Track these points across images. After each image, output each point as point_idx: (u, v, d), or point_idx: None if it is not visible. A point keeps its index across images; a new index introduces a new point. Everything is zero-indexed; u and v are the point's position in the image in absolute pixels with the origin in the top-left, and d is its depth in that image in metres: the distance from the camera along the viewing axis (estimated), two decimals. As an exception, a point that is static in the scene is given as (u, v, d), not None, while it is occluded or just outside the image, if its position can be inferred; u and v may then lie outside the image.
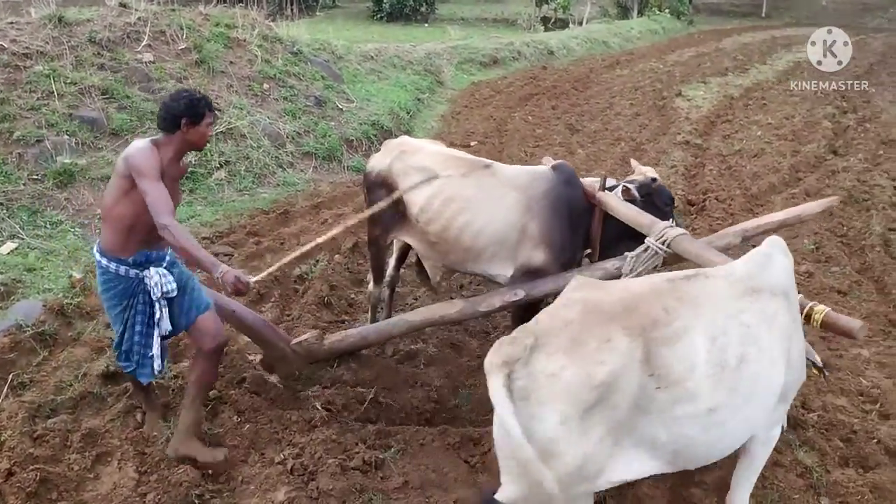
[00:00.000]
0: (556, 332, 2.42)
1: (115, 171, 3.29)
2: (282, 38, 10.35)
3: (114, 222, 3.31)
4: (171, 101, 3.31)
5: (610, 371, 2.33)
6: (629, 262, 3.82)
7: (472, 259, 4.08)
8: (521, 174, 4.14)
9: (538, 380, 2.34)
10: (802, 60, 18.64)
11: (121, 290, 3.38)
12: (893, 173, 8.78)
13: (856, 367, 4.63)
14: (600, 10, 29.68)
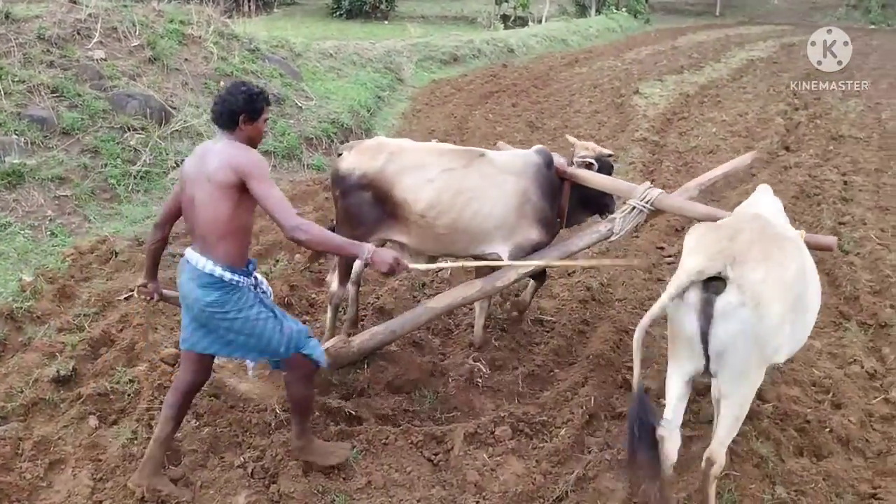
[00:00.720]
0: (744, 252, 2.96)
1: (212, 182, 3.04)
2: (238, 36, 10.20)
3: (235, 235, 3.12)
4: (229, 96, 3.14)
5: (794, 270, 3.07)
6: (619, 223, 4.34)
7: (477, 243, 4.36)
8: (514, 160, 4.50)
9: (755, 286, 2.88)
10: (756, 58, 19.09)
11: (249, 298, 3.20)
12: (843, 168, 9.03)
13: (808, 358, 4.75)
14: (559, 8, 29.92)
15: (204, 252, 3.11)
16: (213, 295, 3.10)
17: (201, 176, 3.08)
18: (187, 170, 3.17)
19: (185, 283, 3.17)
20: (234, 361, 4.56)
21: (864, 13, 36.16)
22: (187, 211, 3.18)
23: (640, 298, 5.49)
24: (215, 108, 3.17)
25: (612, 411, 4.19)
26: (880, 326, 5.11)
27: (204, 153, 3.15)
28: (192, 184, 3.12)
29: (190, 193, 3.13)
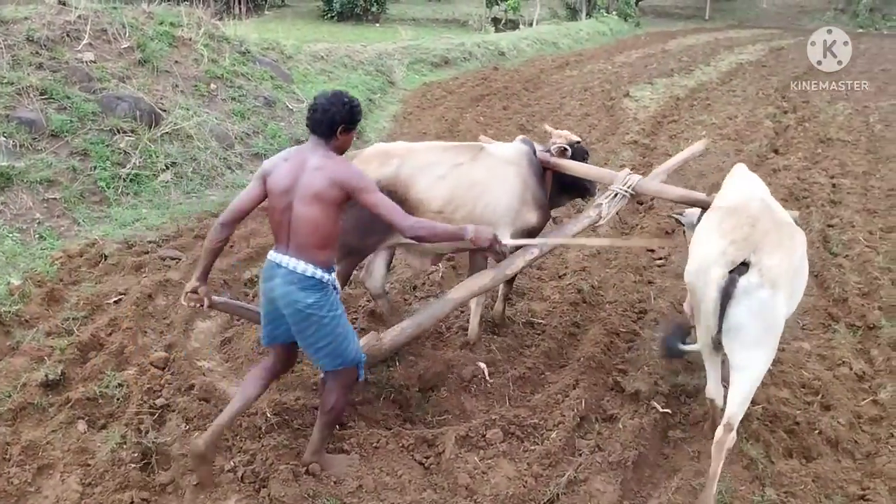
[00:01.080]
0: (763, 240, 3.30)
1: (318, 198, 3.12)
2: (229, 38, 10.17)
3: (332, 241, 3.26)
4: (331, 106, 3.18)
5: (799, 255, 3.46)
6: (605, 208, 4.53)
7: None
8: (511, 151, 4.66)
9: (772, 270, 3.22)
10: (745, 62, 19.20)
11: (337, 300, 3.33)
12: (831, 171, 9.09)
13: (798, 359, 4.77)
14: (549, 11, 30.03)
15: (300, 256, 3.19)
16: (313, 296, 3.20)
17: (304, 190, 3.13)
18: (280, 178, 3.18)
19: (280, 286, 3.21)
20: (224, 365, 4.56)
21: (852, 17, 36.45)
22: (280, 217, 3.20)
23: (631, 301, 5.51)
24: (314, 115, 3.20)
25: (602, 413, 4.20)
26: (868, 328, 5.15)
27: (300, 164, 3.18)
28: (288, 194, 3.16)
29: (285, 202, 3.17)
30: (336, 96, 3.22)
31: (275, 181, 3.21)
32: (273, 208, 3.23)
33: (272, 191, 3.22)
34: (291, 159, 3.22)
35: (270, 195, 3.23)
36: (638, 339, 4.96)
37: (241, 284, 5.55)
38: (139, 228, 6.36)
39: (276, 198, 3.20)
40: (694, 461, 3.76)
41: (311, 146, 3.24)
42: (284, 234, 3.23)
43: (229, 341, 4.80)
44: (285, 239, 3.23)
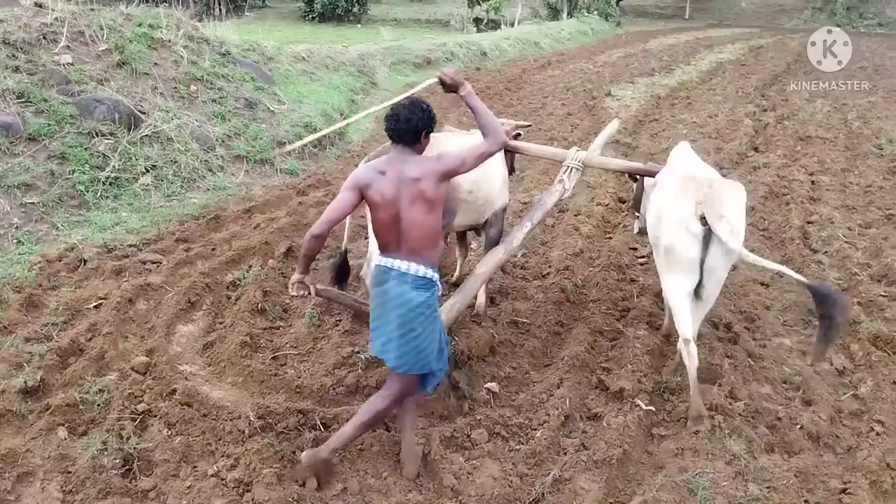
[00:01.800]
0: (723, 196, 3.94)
1: (429, 202, 3.32)
2: (209, 39, 10.08)
3: (438, 242, 3.47)
4: (412, 115, 3.33)
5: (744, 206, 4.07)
6: (567, 182, 5.03)
7: (488, 211, 5.01)
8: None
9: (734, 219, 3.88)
10: (724, 61, 19.36)
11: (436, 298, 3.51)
12: (810, 168, 9.19)
13: (779, 355, 4.82)
14: (531, 11, 30.10)
15: (412, 258, 3.35)
16: (424, 295, 3.37)
17: (410, 198, 3.30)
18: (383, 190, 3.30)
19: (394, 287, 3.35)
20: (207, 369, 4.53)
21: (830, 15, 36.87)
22: (389, 225, 3.34)
23: (614, 299, 5.53)
24: (397, 125, 3.34)
25: (587, 412, 4.21)
26: (848, 324, 5.20)
27: (398, 174, 3.31)
28: (394, 204, 3.30)
29: (393, 212, 3.31)
30: (414, 105, 3.38)
31: (378, 193, 3.32)
32: (379, 218, 3.37)
33: (377, 203, 3.33)
34: (388, 172, 3.33)
35: (375, 206, 3.35)
36: (622, 337, 4.97)
37: (224, 287, 5.51)
38: (119, 232, 6.30)
39: (381, 209, 3.34)
40: (678, 458, 3.78)
41: (400, 155, 3.39)
42: (395, 240, 3.37)
43: (211, 345, 4.77)
44: (395, 244, 3.37)
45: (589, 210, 7.55)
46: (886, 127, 11.56)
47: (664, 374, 4.51)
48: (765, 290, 5.80)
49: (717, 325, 5.12)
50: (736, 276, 5.95)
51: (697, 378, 4.04)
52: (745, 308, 5.45)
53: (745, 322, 5.27)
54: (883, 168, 9.31)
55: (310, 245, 3.39)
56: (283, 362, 4.65)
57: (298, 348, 4.80)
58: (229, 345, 4.67)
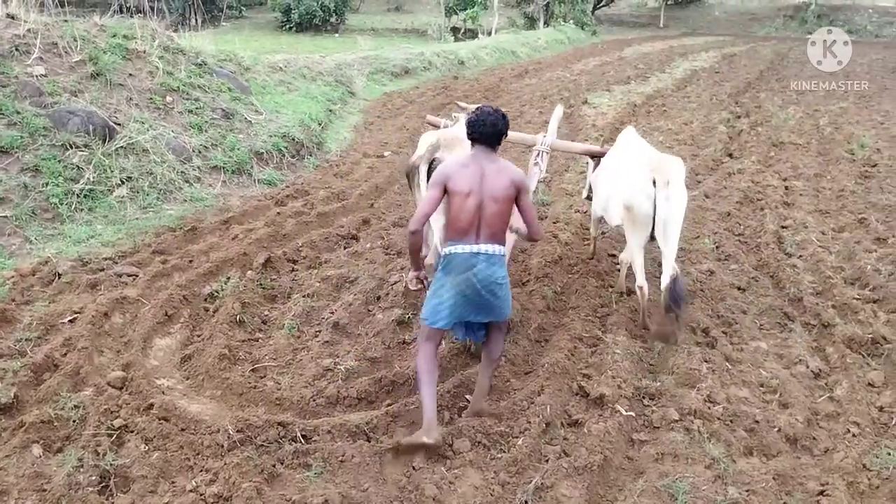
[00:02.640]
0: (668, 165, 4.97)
1: (503, 196, 3.81)
2: (184, 50, 10.02)
3: (507, 227, 3.95)
4: (497, 121, 3.89)
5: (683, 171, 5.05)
6: (542, 164, 5.81)
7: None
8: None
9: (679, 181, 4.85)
10: (699, 69, 19.61)
11: None
12: (784, 174, 9.33)
13: (756, 359, 4.87)
14: (508, 20, 30.28)
15: (491, 241, 3.84)
16: (503, 270, 3.91)
17: (491, 191, 3.80)
18: (464, 182, 3.79)
19: (483, 269, 3.81)
20: (184, 383, 4.48)
21: (801, 23, 37.55)
22: (469, 214, 3.79)
23: (594, 306, 5.56)
24: (485, 129, 3.87)
25: (568, 419, 4.22)
26: (823, 326, 5.27)
27: (480, 170, 3.83)
28: (475, 195, 3.79)
29: (474, 202, 3.79)
30: (497, 113, 3.92)
31: (459, 184, 3.78)
32: (461, 206, 3.79)
33: (457, 192, 3.79)
34: (470, 166, 3.85)
35: (457, 195, 3.79)
36: (601, 343, 5.00)
37: (201, 300, 5.46)
38: (94, 245, 6.22)
39: (461, 198, 3.79)
40: (658, 463, 3.80)
41: (482, 154, 3.91)
42: (475, 227, 3.82)
43: (189, 358, 4.72)
44: (476, 231, 3.82)
45: (567, 217, 7.60)
46: (858, 132, 11.77)
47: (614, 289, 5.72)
48: (741, 295, 5.87)
49: (694, 330, 5.16)
50: (713, 282, 6.01)
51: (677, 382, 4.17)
52: (722, 312, 5.51)
53: (722, 326, 5.32)
54: (854, 172, 9.47)
55: (412, 241, 3.91)
56: (262, 374, 4.61)
57: (278, 360, 4.77)
58: (207, 357, 4.62)
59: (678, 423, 4.10)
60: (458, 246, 3.81)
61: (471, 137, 3.93)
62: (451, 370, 4.67)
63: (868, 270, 6.12)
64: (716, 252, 6.73)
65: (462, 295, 3.82)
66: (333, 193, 8.16)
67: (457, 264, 3.81)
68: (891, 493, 3.56)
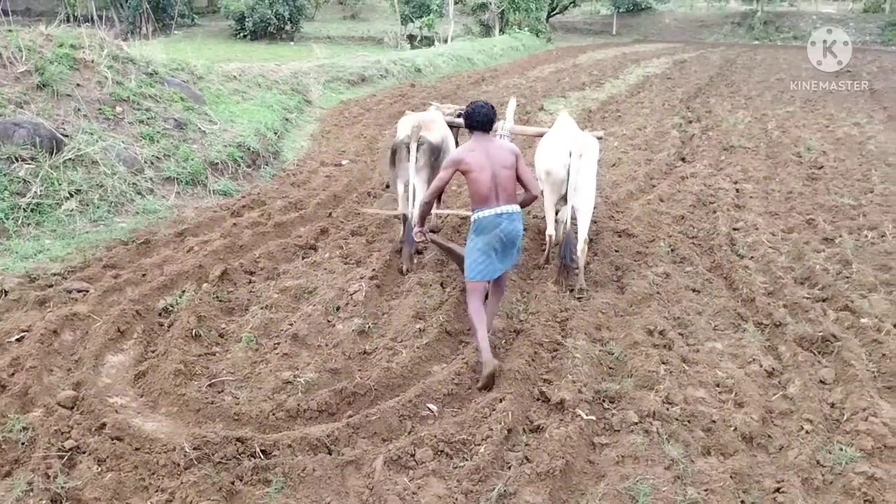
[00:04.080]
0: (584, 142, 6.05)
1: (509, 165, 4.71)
2: (135, 59, 9.82)
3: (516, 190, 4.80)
4: (488, 111, 4.75)
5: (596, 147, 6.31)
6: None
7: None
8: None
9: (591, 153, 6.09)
10: (651, 75, 19.99)
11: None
12: (734, 177, 9.56)
13: (711, 359, 4.96)
14: (464, 28, 30.46)
15: (510, 201, 4.72)
16: (521, 223, 4.83)
17: (500, 162, 4.68)
18: (477, 160, 4.64)
19: (508, 225, 4.70)
20: (139, 400, 4.37)
21: (748, 30, 38.61)
22: (486, 185, 4.64)
23: (553, 311, 5.60)
24: (479, 119, 4.72)
25: (529, 424, 4.23)
26: (775, 326, 5.40)
27: (485, 149, 4.70)
28: (487, 168, 4.64)
29: (488, 174, 4.64)
30: (487, 105, 4.79)
31: (472, 163, 4.65)
32: (478, 179, 4.64)
33: (473, 170, 4.64)
34: (476, 149, 4.70)
35: (473, 171, 4.64)
36: (561, 348, 5.03)
37: (155, 314, 5.34)
38: (42, 260, 6.04)
39: (477, 174, 4.64)
40: (619, 466, 3.83)
41: (482, 138, 4.77)
42: (494, 193, 4.67)
43: (143, 375, 4.60)
44: (495, 196, 4.67)
45: (526, 223, 7.65)
46: (804, 135, 12.14)
47: (541, 260, 6.56)
48: (696, 297, 5.98)
49: (651, 332, 5.24)
50: (669, 284, 6.11)
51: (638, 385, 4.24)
52: (678, 314, 5.60)
53: (678, 328, 5.41)
54: (802, 175, 9.76)
55: (423, 210, 5.14)
56: (219, 389, 4.52)
57: (236, 374, 4.68)
58: (162, 373, 4.51)
59: (638, 426, 4.15)
60: (483, 211, 4.67)
61: (470, 126, 4.76)
62: (412, 379, 4.64)
63: (817, 270, 6.29)
64: (671, 255, 6.85)
65: (493, 249, 4.70)
66: (291, 203, 8.07)
67: (486, 225, 4.67)
68: (844, 489, 3.65)
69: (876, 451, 3.91)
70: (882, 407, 4.26)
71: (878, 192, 8.78)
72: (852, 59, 24.55)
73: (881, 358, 4.88)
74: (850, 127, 12.91)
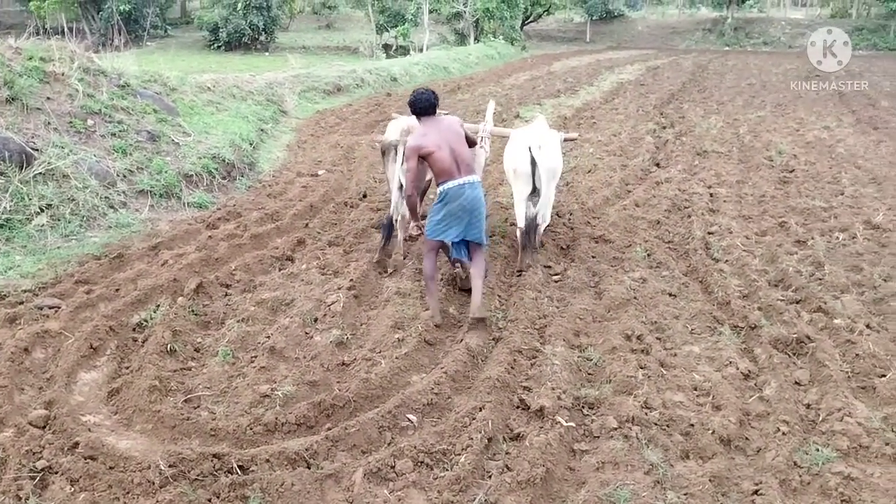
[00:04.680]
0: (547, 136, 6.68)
1: (461, 137, 5.40)
2: (106, 71, 9.72)
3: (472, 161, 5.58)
4: (430, 97, 5.35)
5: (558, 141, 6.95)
6: (486, 147, 7.17)
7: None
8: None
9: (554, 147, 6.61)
10: (625, 81, 20.19)
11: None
12: (708, 181, 9.66)
13: (689, 363, 4.99)
14: (439, 36, 30.56)
15: (470, 172, 5.35)
16: (481, 191, 5.47)
17: (454, 138, 5.32)
18: (434, 141, 5.22)
19: (470, 194, 5.30)
20: (112, 418, 4.30)
21: (719, 36, 39.19)
22: (447, 160, 5.22)
23: (532, 318, 5.60)
24: (422, 105, 5.31)
25: (510, 432, 4.23)
26: (751, 328, 5.45)
27: (438, 129, 5.30)
28: (445, 146, 5.23)
29: (447, 150, 5.23)
30: (427, 91, 5.39)
31: (430, 145, 5.21)
32: (439, 158, 5.20)
33: (433, 149, 5.19)
34: (429, 132, 5.27)
35: (434, 152, 5.19)
36: (540, 355, 5.04)
37: (129, 330, 5.26)
38: (12, 277, 5.93)
39: (439, 151, 5.20)
40: (599, 472, 3.84)
41: (430, 120, 5.37)
42: (456, 166, 5.25)
43: (117, 392, 4.52)
44: (457, 168, 5.26)
45: (503, 230, 7.67)
46: (775, 139, 12.32)
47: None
48: (673, 301, 6.02)
49: (629, 337, 5.26)
50: (646, 289, 6.15)
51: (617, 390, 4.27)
52: (655, 319, 5.64)
53: (656, 332, 5.44)
54: (774, 178, 9.89)
55: (409, 203, 5.73)
56: (196, 405, 4.46)
57: (212, 389, 4.62)
58: (137, 390, 4.44)
59: (617, 431, 4.16)
60: (448, 183, 5.25)
61: (416, 113, 5.35)
62: (391, 389, 4.62)
63: (790, 272, 6.37)
64: (647, 260, 6.89)
65: (455, 216, 5.29)
66: (267, 214, 8.02)
67: (452, 195, 5.25)
68: (821, 489, 3.68)
69: (851, 450, 3.96)
70: (856, 407, 4.31)
71: (849, 195, 8.93)
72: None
73: (854, 358, 4.94)
74: (820, 130, 13.12)
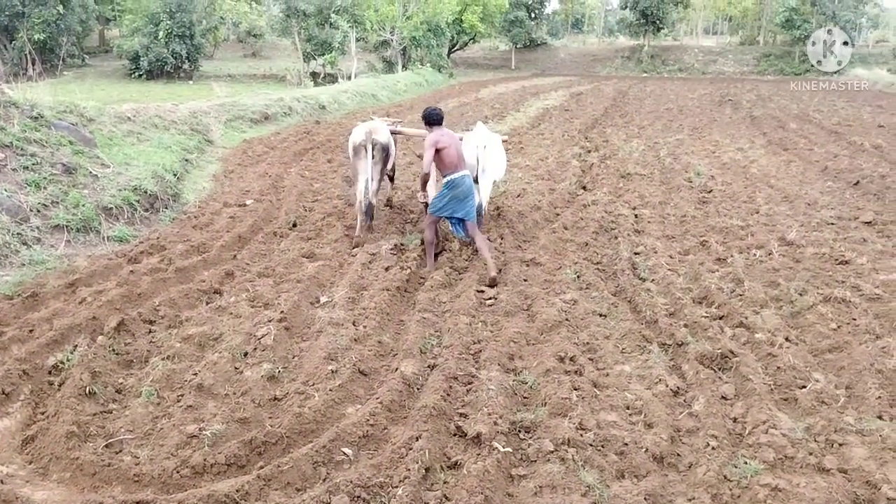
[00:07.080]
0: (490, 138, 8.21)
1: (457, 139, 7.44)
2: (17, 102, 9.31)
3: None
4: (441, 112, 7.30)
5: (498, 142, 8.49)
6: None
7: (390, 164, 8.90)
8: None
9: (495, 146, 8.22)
10: (550, 107, 20.69)
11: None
12: (633, 203, 9.96)
13: (621, 382, 5.07)
14: (367, 64, 30.68)
15: (464, 169, 7.23)
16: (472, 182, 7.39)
17: (455, 142, 7.25)
18: (447, 142, 7.08)
19: (467, 182, 7.23)
20: (27, 468, 4.04)
21: (637, 63, 40.79)
22: (454, 156, 7.13)
23: (466, 343, 5.60)
24: (438, 117, 7.22)
25: (447, 461, 4.18)
26: (678, 346, 5.60)
27: (449, 135, 7.24)
28: (452, 145, 7.14)
29: (454, 151, 7.14)
30: (437, 108, 7.33)
31: (444, 142, 7.06)
32: (449, 153, 7.07)
33: (446, 146, 7.06)
34: (445, 135, 7.14)
35: (444, 150, 7.04)
36: (476, 380, 5.03)
37: (45, 373, 4.98)
38: (-86, 321, 5.54)
39: (449, 148, 7.07)
40: (537, 497, 3.83)
41: (439, 129, 7.18)
42: (459, 163, 7.17)
43: (32, 440, 4.26)
44: (460, 165, 7.18)
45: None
46: (693, 161, 12.83)
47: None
48: (603, 321, 6.13)
49: (562, 359, 5.31)
50: (576, 310, 6.25)
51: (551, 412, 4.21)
52: (586, 339, 5.72)
53: (588, 353, 5.52)
54: (693, 199, 10.28)
55: (424, 179, 7.33)
56: (118, 449, 4.24)
57: (135, 431, 4.41)
58: (53, 437, 4.19)
59: (553, 454, 4.17)
60: (453, 175, 7.12)
61: (431, 122, 7.18)
62: (325, 423, 4.51)
63: (712, 289, 6.60)
64: (577, 281, 7.02)
65: (456, 199, 7.14)
66: (193, 246, 7.79)
67: (456, 182, 7.11)
68: (750, 501, 3.78)
69: (777, 462, 4.08)
70: (780, 419, 4.47)
71: (764, 213, 9.36)
72: (732, 87, 26.39)
73: (776, 371, 5.13)
74: (735, 152, 13.75)
